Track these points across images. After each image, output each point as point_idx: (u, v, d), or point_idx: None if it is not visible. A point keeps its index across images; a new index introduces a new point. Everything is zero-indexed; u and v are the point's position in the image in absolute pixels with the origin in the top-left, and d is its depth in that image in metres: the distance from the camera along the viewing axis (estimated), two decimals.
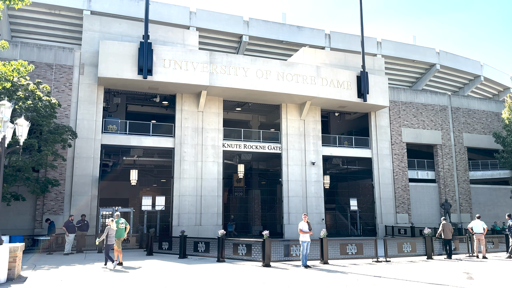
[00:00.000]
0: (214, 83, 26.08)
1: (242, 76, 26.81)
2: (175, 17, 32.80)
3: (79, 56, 25.59)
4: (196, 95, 27.75)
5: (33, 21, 30.87)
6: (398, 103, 34.48)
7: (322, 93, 28.75)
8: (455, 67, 42.85)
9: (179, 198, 26.44)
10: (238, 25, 35.37)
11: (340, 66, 31.36)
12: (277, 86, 27.56)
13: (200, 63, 25.86)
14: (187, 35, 28.20)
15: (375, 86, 30.67)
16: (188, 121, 27.49)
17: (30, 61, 23.46)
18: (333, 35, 38.55)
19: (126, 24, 26.78)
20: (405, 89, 36.68)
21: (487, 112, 38.32)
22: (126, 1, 31.36)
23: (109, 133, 25.86)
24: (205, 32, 34.12)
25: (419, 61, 41.16)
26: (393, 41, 40.36)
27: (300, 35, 37.55)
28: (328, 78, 29.11)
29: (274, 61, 28.44)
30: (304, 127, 30.50)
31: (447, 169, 35.41)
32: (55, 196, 23.73)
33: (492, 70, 45.74)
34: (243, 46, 35.92)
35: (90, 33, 25.78)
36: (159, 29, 27.26)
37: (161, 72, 24.94)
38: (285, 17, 38.71)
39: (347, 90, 29.59)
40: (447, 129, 36.11)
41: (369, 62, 32.46)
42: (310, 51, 31.71)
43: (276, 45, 37.35)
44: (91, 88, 25.37)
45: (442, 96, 36.94)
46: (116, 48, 24.42)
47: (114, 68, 24.16)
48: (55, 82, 24.77)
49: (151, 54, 24.68)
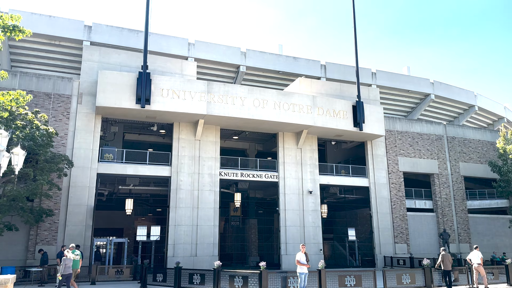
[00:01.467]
0: (211, 112, 26.28)
1: (239, 105, 27.06)
2: (174, 48, 33.39)
3: (77, 85, 25.84)
4: (193, 124, 27.90)
5: (33, 51, 31.34)
6: (394, 132, 34.74)
7: (319, 122, 28.99)
8: (449, 97, 43.48)
9: (175, 228, 26.10)
10: (236, 55, 36.00)
11: (336, 96, 31.77)
12: (274, 115, 27.79)
13: (197, 92, 26.14)
14: (186, 65, 28.62)
15: (371, 116, 30.98)
16: (185, 149, 27.51)
17: (28, 91, 23.66)
18: (328, 66, 39.24)
19: (125, 54, 27.21)
20: (400, 118, 37.04)
21: (482, 141, 38.61)
22: (126, 33, 31.99)
23: (105, 162, 25.78)
24: (203, 63, 34.66)
25: (413, 91, 41.77)
26: (388, 72, 41.08)
27: (296, 66, 38.20)
28: (324, 108, 29.41)
29: (271, 91, 28.79)
30: (301, 156, 30.56)
31: (444, 198, 35.31)
32: (49, 226, 23.37)
33: (485, 100, 46.45)
34: (240, 76, 36.44)
35: (89, 63, 26.14)
36: (158, 59, 27.69)
37: (159, 101, 25.15)
38: (281, 48, 39.51)
39: (343, 119, 29.86)
40: (443, 158, 36.26)
41: (364, 92, 32.90)
42: (306, 81, 32.18)
43: (273, 75, 37.91)
44: (88, 117, 25.48)
45: (437, 126, 37.30)
46: (114, 78, 24.70)
47: (112, 97, 24.36)
48: (53, 111, 24.88)
49: (149, 84, 24.96)
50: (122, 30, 31.95)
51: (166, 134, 29.89)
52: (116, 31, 31.71)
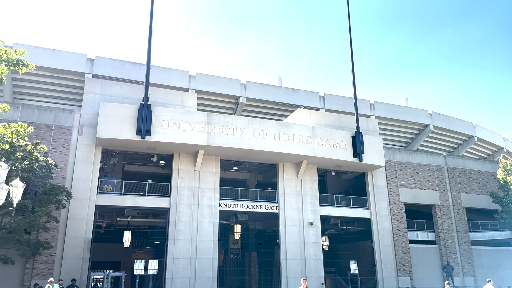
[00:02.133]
0: (211, 142, 26.37)
1: (239, 136, 27.19)
2: (175, 81, 33.86)
3: (78, 117, 26.04)
4: (193, 154, 27.93)
5: (36, 83, 31.75)
6: (394, 163, 34.72)
7: (318, 152, 29.03)
8: (448, 128, 43.70)
9: (173, 261, 25.62)
10: (236, 87, 36.45)
11: (335, 126, 31.97)
12: (274, 145, 27.88)
13: (198, 123, 26.33)
14: (186, 97, 28.95)
15: (370, 146, 31.06)
16: (184, 180, 27.41)
17: (30, 122, 23.81)
18: (327, 97, 39.67)
19: (127, 87, 27.57)
20: (400, 149, 37.12)
21: (483, 172, 38.53)
22: (128, 65, 32.54)
23: (104, 194, 25.63)
24: (204, 94, 35.07)
25: (412, 122, 42.04)
26: (386, 103, 41.48)
27: (296, 97, 38.61)
28: (324, 138, 29.54)
29: (270, 122, 29.00)
30: (301, 187, 30.41)
31: (447, 230, 34.87)
32: (45, 259, 22.96)
33: (484, 130, 46.68)
34: (240, 107, 36.77)
35: (91, 96, 26.45)
36: (159, 91, 28.03)
37: (159, 133, 25.29)
38: (280, 80, 40.07)
39: (343, 150, 29.91)
40: (444, 189, 36.07)
41: (363, 123, 33.13)
42: (306, 112, 32.46)
43: (272, 106, 38.26)
44: (88, 148, 25.53)
45: (437, 156, 37.33)
46: (115, 110, 24.94)
47: (113, 129, 24.51)
48: (53, 143, 24.96)
49: (150, 115, 25.18)
50: (124, 63, 32.52)
51: (166, 165, 29.86)
52: (118, 64, 32.27)
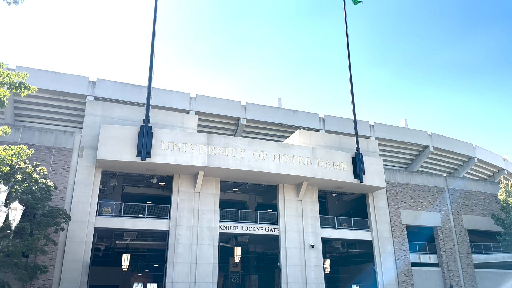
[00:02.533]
0: (211, 164, 26.34)
1: (239, 157, 27.18)
2: (176, 102, 34.08)
3: (79, 139, 26.10)
4: (193, 176, 27.85)
5: (38, 105, 31.95)
6: (395, 185, 34.58)
7: (319, 173, 28.96)
8: (448, 149, 43.72)
9: (172, 285, 25.20)
10: (236, 109, 36.66)
11: (335, 148, 31.98)
12: (274, 167, 27.83)
13: (198, 145, 26.36)
14: (187, 119, 29.08)
15: (371, 168, 31.01)
16: (184, 202, 27.24)
17: (30, 145, 23.87)
18: (327, 118, 39.85)
19: (128, 109, 27.73)
20: (400, 170, 37.04)
21: (484, 193, 38.34)
22: (129, 88, 32.82)
23: (103, 216, 25.44)
24: (204, 116, 35.23)
25: (412, 143, 42.09)
26: (386, 124, 41.63)
27: (295, 118, 38.79)
28: (324, 159, 29.51)
29: (270, 143, 29.03)
30: (301, 208, 30.20)
31: (449, 252, 34.44)
32: (42, 283, 22.59)
33: (484, 152, 46.71)
34: (240, 129, 36.90)
35: (91, 118, 26.57)
36: (160, 113, 28.18)
37: (159, 154, 25.29)
38: (280, 102, 40.36)
39: (343, 171, 29.84)
40: (445, 211, 35.82)
41: (363, 144, 33.16)
42: (306, 133, 32.54)
43: (272, 127, 38.39)
44: (88, 170, 25.49)
45: (438, 178, 37.21)
46: (116, 132, 25.01)
47: (113, 150, 24.53)
48: (53, 165, 24.94)
49: (150, 137, 25.24)
50: (125, 86, 32.80)
51: (166, 187, 29.75)
52: (119, 86, 32.55)
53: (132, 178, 29.05)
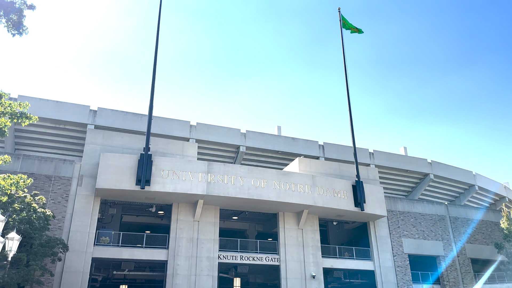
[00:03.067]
0: (211, 192, 26.19)
1: (239, 185, 27.06)
2: (176, 130, 34.24)
3: (78, 168, 26.06)
4: (192, 204, 27.64)
5: (38, 134, 32.08)
6: (396, 213, 34.30)
7: (319, 201, 28.75)
8: (448, 177, 43.64)
9: None
10: (236, 136, 36.82)
11: (335, 175, 31.89)
12: (274, 195, 27.66)
13: (198, 172, 26.29)
14: (187, 147, 29.14)
15: (371, 196, 30.83)
16: (183, 231, 26.92)
17: (30, 173, 23.82)
18: (326, 146, 39.95)
19: (128, 137, 27.82)
20: (401, 198, 36.83)
21: (486, 221, 37.97)
22: (130, 116, 33.06)
23: (101, 246, 25.10)
24: (204, 144, 35.33)
25: (412, 171, 42.04)
26: (385, 152, 41.70)
27: (295, 146, 38.89)
28: (324, 187, 29.36)
29: (270, 171, 28.96)
30: (302, 237, 29.81)
31: (453, 282, 33.77)
32: None
33: (485, 179, 46.61)
34: (240, 156, 36.92)
35: (92, 146, 26.62)
36: (160, 141, 28.26)
37: (159, 182, 25.19)
38: (280, 129, 40.56)
39: (344, 199, 29.65)
40: (448, 239, 35.37)
41: (363, 172, 33.09)
42: (305, 161, 32.54)
43: (272, 155, 38.43)
44: (87, 199, 25.33)
45: (439, 206, 36.94)
46: (116, 160, 25.00)
47: (113, 179, 24.45)
48: (52, 194, 24.80)
49: (150, 165, 25.20)
50: (126, 114, 33.05)
51: (165, 215, 29.47)
52: (120, 115, 32.79)
53: (131, 206, 28.83)
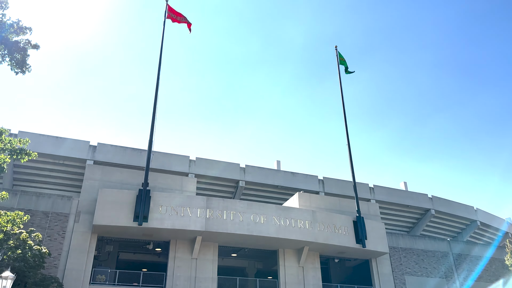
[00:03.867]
0: (210, 228, 25.78)
1: (238, 221, 26.67)
2: (175, 165, 34.23)
3: (76, 204, 25.79)
4: (190, 241, 27.15)
5: (37, 170, 32.02)
6: (398, 249, 33.67)
7: (320, 238, 28.25)
8: (449, 212, 43.24)
9: None
10: (235, 171, 36.75)
11: (336, 211, 31.53)
12: (274, 231, 27.21)
13: (196, 208, 25.99)
14: (186, 182, 28.97)
15: (373, 232, 30.35)
16: (180, 269, 26.27)
17: (27, 210, 23.57)
18: (326, 180, 39.79)
19: (127, 173, 27.71)
20: (403, 234, 36.31)
21: (491, 258, 37.21)
22: (129, 152, 33.12)
23: (97, 284, 24.44)
24: (203, 178, 35.20)
25: (413, 207, 41.70)
26: (386, 187, 41.50)
27: (295, 181, 38.75)
28: (325, 223, 28.96)
29: (270, 206, 28.64)
30: (303, 275, 29.08)
31: None
32: None
33: (486, 214, 46.18)
34: (239, 191, 36.70)
35: (90, 182, 26.46)
36: (159, 176, 28.12)
37: (157, 218, 24.83)
38: (279, 164, 40.54)
39: (345, 235, 29.16)
40: (451, 277, 34.54)
41: (363, 207, 32.74)
42: (305, 196, 32.27)
43: (272, 189, 38.23)
44: (84, 236, 24.90)
45: (441, 242, 36.33)
46: (114, 196, 24.78)
47: (110, 215, 24.15)
48: (49, 230, 24.42)
49: (148, 201, 24.93)
50: (125, 149, 33.12)
51: (162, 253, 28.90)
52: (120, 150, 32.85)
53: (128, 244, 28.31)
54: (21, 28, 14.45)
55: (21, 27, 14.53)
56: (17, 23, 14.53)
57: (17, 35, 14.46)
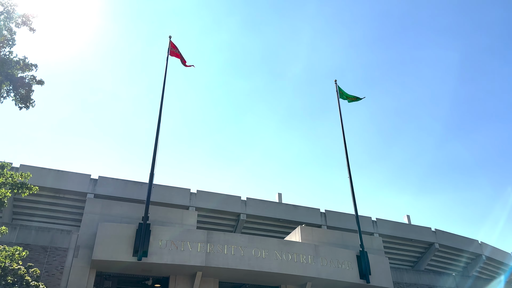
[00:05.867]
0: (210, 263, 25.29)
1: (239, 255, 26.21)
2: (176, 198, 34.06)
3: (75, 238, 25.49)
4: (190, 276, 26.60)
5: (37, 204, 31.86)
6: (403, 285, 32.87)
7: (323, 273, 27.64)
8: (454, 246, 42.52)
9: None
10: (236, 204, 36.51)
11: (339, 245, 31.03)
12: (276, 266, 26.67)
13: (197, 242, 25.61)
14: (186, 215, 28.72)
15: (376, 267, 29.73)
16: None
17: (25, 244, 23.28)
18: (328, 214, 39.41)
19: (128, 206, 27.53)
20: (407, 269, 35.56)
21: None
22: (130, 185, 33.05)
23: None
24: (204, 211, 34.94)
25: (416, 240, 41.04)
26: (389, 221, 41.01)
27: (297, 214, 38.38)
28: (328, 258, 28.42)
29: (271, 240, 28.20)
30: None
31: None
32: None
33: (492, 248, 45.34)
34: (240, 224, 36.31)
35: (90, 216, 26.25)
36: (159, 210, 27.90)
37: (156, 253, 24.42)
38: (281, 197, 40.29)
39: (348, 271, 28.54)
40: None
41: (367, 241, 32.20)
42: (307, 229, 31.85)
43: (273, 223, 37.82)
44: (83, 271, 24.44)
45: (447, 278, 35.48)
46: (114, 230, 24.50)
47: (110, 250, 23.79)
48: (47, 266, 24.01)
49: (148, 235, 24.62)
50: (126, 183, 33.07)
51: None
52: (120, 184, 32.80)
53: (127, 279, 27.72)
54: (27, 65, 14.79)
55: (27, 64, 14.88)
56: (23, 60, 14.89)
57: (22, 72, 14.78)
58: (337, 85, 37.45)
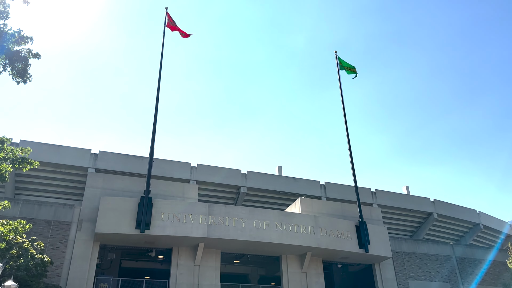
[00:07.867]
0: (212, 235, 25.72)
1: (240, 227, 26.62)
2: (177, 172, 34.23)
3: (78, 212, 25.81)
4: (193, 248, 27.10)
5: (39, 179, 32.05)
6: (401, 254, 33.54)
7: (323, 243, 28.16)
8: (452, 216, 43.10)
9: None
10: (237, 177, 36.73)
11: (338, 216, 31.44)
12: (276, 237, 27.14)
13: (198, 215, 25.96)
14: (187, 188, 28.97)
15: (375, 236, 30.24)
16: (183, 276, 26.20)
17: (29, 218, 23.58)
18: (328, 185, 39.73)
19: (129, 180, 27.72)
20: (406, 239, 36.19)
21: (494, 261, 37.03)
22: (131, 159, 33.15)
23: None
24: (205, 185, 35.19)
25: (415, 211, 41.56)
26: (388, 191, 41.38)
27: (296, 186, 38.68)
28: (327, 228, 28.88)
29: (272, 211, 28.58)
30: (306, 281, 28.95)
31: None
32: None
33: (489, 218, 45.99)
34: (241, 197, 36.66)
35: (92, 190, 26.47)
36: (160, 184, 28.11)
37: (159, 226, 24.80)
38: (281, 170, 40.49)
39: (348, 241, 29.06)
40: (455, 281, 34.36)
41: (366, 212, 32.63)
42: (307, 201, 32.20)
43: (273, 195, 38.18)
44: (86, 244, 24.88)
45: (444, 246, 36.18)
46: (116, 204, 24.78)
47: (112, 223, 24.14)
48: (51, 239, 24.41)
49: (150, 208, 24.92)
50: (127, 157, 33.16)
51: (165, 260, 28.82)
52: (121, 158, 32.89)
53: (130, 251, 28.27)
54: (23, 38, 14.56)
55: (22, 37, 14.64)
56: (18, 33, 14.64)
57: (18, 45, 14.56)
58: (337, 56, 37.00)
